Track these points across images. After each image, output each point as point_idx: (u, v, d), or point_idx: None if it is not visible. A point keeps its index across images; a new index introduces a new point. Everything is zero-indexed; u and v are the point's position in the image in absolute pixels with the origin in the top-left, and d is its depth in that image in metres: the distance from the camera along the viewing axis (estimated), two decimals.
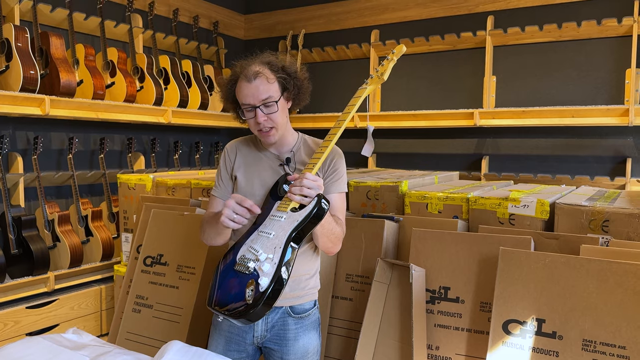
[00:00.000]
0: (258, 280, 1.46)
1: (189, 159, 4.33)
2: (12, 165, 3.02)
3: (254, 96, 1.59)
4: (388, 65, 1.83)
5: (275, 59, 1.66)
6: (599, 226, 1.86)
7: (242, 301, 1.46)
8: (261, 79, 1.59)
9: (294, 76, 1.66)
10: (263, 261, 1.48)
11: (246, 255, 1.53)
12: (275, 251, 1.50)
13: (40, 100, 2.86)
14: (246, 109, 1.62)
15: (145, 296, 2.36)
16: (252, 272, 1.49)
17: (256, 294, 1.44)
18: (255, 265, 1.49)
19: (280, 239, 1.51)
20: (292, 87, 1.66)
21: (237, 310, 1.46)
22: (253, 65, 1.61)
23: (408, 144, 4.12)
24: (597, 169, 3.48)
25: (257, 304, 1.44)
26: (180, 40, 4.02)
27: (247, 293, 1.46)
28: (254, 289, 1.45)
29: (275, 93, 1.61)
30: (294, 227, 1.50)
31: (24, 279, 2.83)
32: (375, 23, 4.19)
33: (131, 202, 2.98)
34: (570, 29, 3.41)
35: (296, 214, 1.52)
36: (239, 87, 1.62)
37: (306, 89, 1.73)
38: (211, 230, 1.65)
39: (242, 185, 1.70)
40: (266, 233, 1.55)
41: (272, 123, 1.61)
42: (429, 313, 1.88)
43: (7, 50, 2.80)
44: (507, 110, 3.49)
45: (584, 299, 1.57)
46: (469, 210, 2.11)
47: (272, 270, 1.47)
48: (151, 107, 3.51)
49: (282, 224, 1.53)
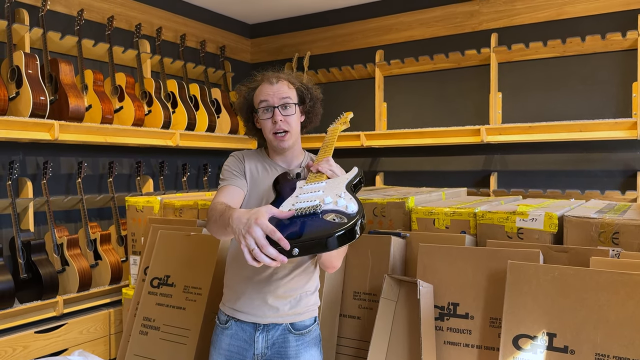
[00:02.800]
0: (339, 209, 1.28)
1: (196, 181, 4.35)
2: (22, 190, 3.05)
3: (274, 95, 1.66)
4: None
5: (297, 74, 1.79)
6: (609, 238, 1.83)
7: (330, 225, 1.24)
8: (283, 82, 1.69)
9: (311, 91, 1.76)
10: (333, 200, 1.31)
11: (303, 206, 1.33)
12: (342, 194, 1.35)
13: (50, 126, 2.91)
14: (264, 108, 1.66)
15: (153, 318, 2.34)
16: (324, 210, 1.29)
17: (347, 215, 1.26)
18: (324, 205, 1.31)
19: (338, 188, 1.38)
20: (309, 100, 1.74)
21: (320, 234, 1.23)
22: (275, 74, 1.72)
23: (415, 162, 4.11)
24: (607, 183, 3.44)
25: (352, 223, 1.23)
26: (188, 65, 4.08)
27: (331, 219, 1.26)
28: (337, 216, 1.26)
29: (294, 98, 1.70)
30: (349, 180, 1.44)
31: (32, 304, 2.83)
32: (380, 43, 4.23)
33: (139, 225, 2.99)
34: (574, 44, 3.41)
35: (342, 176, 1.50)
36: (260, 89, 1.70)
37: (318, 109, 1.81)
38: (221, 227, 1.45)
39: (250, 192, 1.69)
40: (310, 193, 1.41)
41: (288, 126, 1.65)
42: (438, 330, 1.85)
43: (18, 77, 2.86)
44: (513, 126, 3.48)
45: (595, 312, 1.53)
46: (477, 225, 2.09)
47: (352, 201, 1.30)
48: (159, 131, 3.54)
49: (325, 185, 1.43)
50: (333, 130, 1.87)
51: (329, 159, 1.60)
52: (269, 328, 1.64)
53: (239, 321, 1.66)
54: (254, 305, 1.63)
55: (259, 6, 4.38)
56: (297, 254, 1.24)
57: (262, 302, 1.63)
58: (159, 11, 4.01)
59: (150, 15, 3.94)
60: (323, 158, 1.63)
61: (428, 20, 4.03)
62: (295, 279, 1.63)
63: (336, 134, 1.86)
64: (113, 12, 3.64)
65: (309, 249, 1.25)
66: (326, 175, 1.53)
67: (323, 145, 1.77)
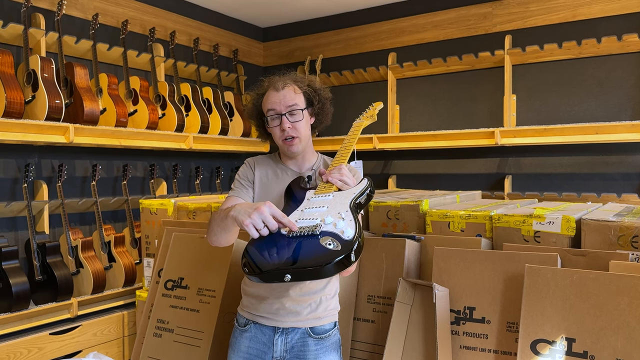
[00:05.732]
0: (337, 232, 1.29)
1: (210, 184, 4.37)
2: (38, 193, 3.07)
3: (281, 103, 1.66)
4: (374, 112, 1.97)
5: (302, 77, 1.77)
6: (628, 242, 1.80)
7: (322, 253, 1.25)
8: (289, 88, 1.68)
9: (319, 92, 1.75)
10: (333, 221, 1.32)
11: (304, 225, 1.35)
12: (345, 214, 1.35)
13: (65, 129, 2.93)
14: (272, 116, 1.66)
15: (166, 320, 2.35)
16: (322, 232, 1.31)
17: (343, 242, 1.27)
18: (324, 226, 1.32)
19: (341, 206, 1.38)
20: (317, 102, 1.74)
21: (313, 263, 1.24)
22: (282, 80, 1.71)
23: (428, 165, 4.09)
24: (624, 186, 3.40)
25: (348, 250, 1.24)
26: (201, 68, 4.10)
27: (326, 244, 1.27)
28: (333, 241, 1.28)
29: (301, 103, 1.69)
30: (354, 196, 1.43)
31: (47, 305, 2.85)
32: (392, 46, 4.22)
33: (153, 227, 3.00)
34: (590, 46, 3.38)
35: (350, 189, 1.48)
36: (267, 96, 1.69)
37: (328, 109, 1.80)
38: (218, 227, 1.53)
39: (259, 198, 1.70)
40: (315, 208, 1.42)
41: (296, 132, 1.65)
42: (453, 334, 1.83)
43: (34, 80, 2.89)
44: (528, 128, 3.44)
45: (615, 317, 1.51)
46: (493, 228, 2.06)
47: (351, 224, 1.31)
48: (173, 134, 3.56)
49: (332, 199, 1.43)
50: (356, 127, 1.86)
51: (341, 167, 1.57)
52: (289, 331, 1.63)
53: (258, 324, 1.66)
54: (273, 309, 1.63)
55: (272, 10, 4.39)
56: (289, 280, 1.27)
57: (281, 306, 1.62)
58: (173, 15, 4.03)
59: (164, 19, 3.96)
60: (336, 164, 1.62)
61: (441, 23, 4.02)
62: (313, 282, 1.63)
63: (359, 130, 1.84)
64: (127, 16, 3.67)
65: (301, 275, 1.28)
66: (336, 187, 1.52)
67: (342, 145, 1.76)
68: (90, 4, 3.47)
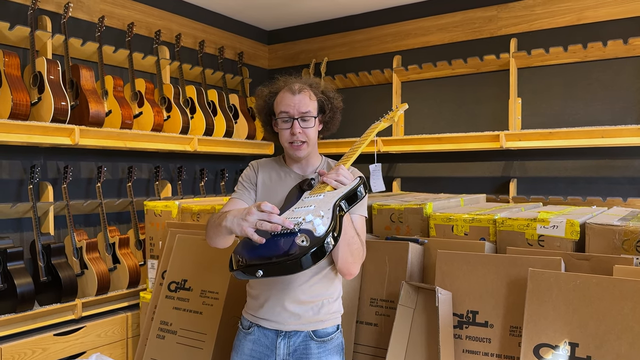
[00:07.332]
0: (311, 230, 1.35)
1: (214, 187, 4.37)
2: (43, 194, 3.09)
3: (295, 107, 1.65)
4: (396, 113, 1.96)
5: (318, 81, 1.77)
6: (632, 246, 1.79)
7: (292, 248, 1.33)
8: (305, 94, 1.68)
9: (332, 101, 1.75)
10: (312, 219, 1.38)
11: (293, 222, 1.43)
12: (325, 212, 1.41)
13: (70, 130, 2.94)
14: (283, 119, 1.66)
15: (170, 322, 2.35)
16: (301, 229, 1.37)
17: (313, 238, 1.34)
18: (304, 224, 1.38)
19: (326, 204, 1.43)
20: (328, 110, 1.74)
21: (283, 257, 1.33)
22: (298, 82, 1.71)
23: (433, 168, 4.08)
24: (629, 190, 3.37)
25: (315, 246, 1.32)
26: (206, 71, 4.11)
27: (300, 242, 1.34)
28: (306, 238, 1.35)
29: (314, 110, 1.69)
30: (340, 196, 1.47)
31: (52, 306, 2.86)
32: (397, 49, 4.22)
33: (157, 229, 3.01)
34: (595, 49, 3.36)
35: (338, 189, 1.51)
36: (281, 97, 1.69)
37: (337, 118, 1.81)
38: (214, 232, 1.57)
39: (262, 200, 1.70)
40: (303, 208, 1.47)
41: (305, 137, 1.66)
42: (456, 338, 1.82)
43: (40, 82, 2.91)
44: (533, 132, 3.43)
45: (619, 322, 1.50)
46: (496, 232, 2.06)
47: (326, 221, 1.37)
48: (178, 136, 3.57)
49: (322, 198, 1.47)
50: (372, 129, 1.87)
51: (339, 168, 1.56)
52: (291, 335, 1.63)
53: (262, 327, 1.66)
54: (275, 312, 1.63)
55: (277, 12, 4.40)
56: (260, 276, 1.35)
57: (283, 309, 1.62)
58: (178, 18, 4.05)
59: (169, 22, 3.98)
60: (340, 164, 1.62)
61: (446, 26, 4.01)
62: (315, 285, 1.63)
63: (373, 133, 1.85)
64: (133, 18, 3.69)
65: (272, 270, 1.35)
66: (330, 187, 1.53)
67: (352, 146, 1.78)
68: (96, 7, 3.49)
